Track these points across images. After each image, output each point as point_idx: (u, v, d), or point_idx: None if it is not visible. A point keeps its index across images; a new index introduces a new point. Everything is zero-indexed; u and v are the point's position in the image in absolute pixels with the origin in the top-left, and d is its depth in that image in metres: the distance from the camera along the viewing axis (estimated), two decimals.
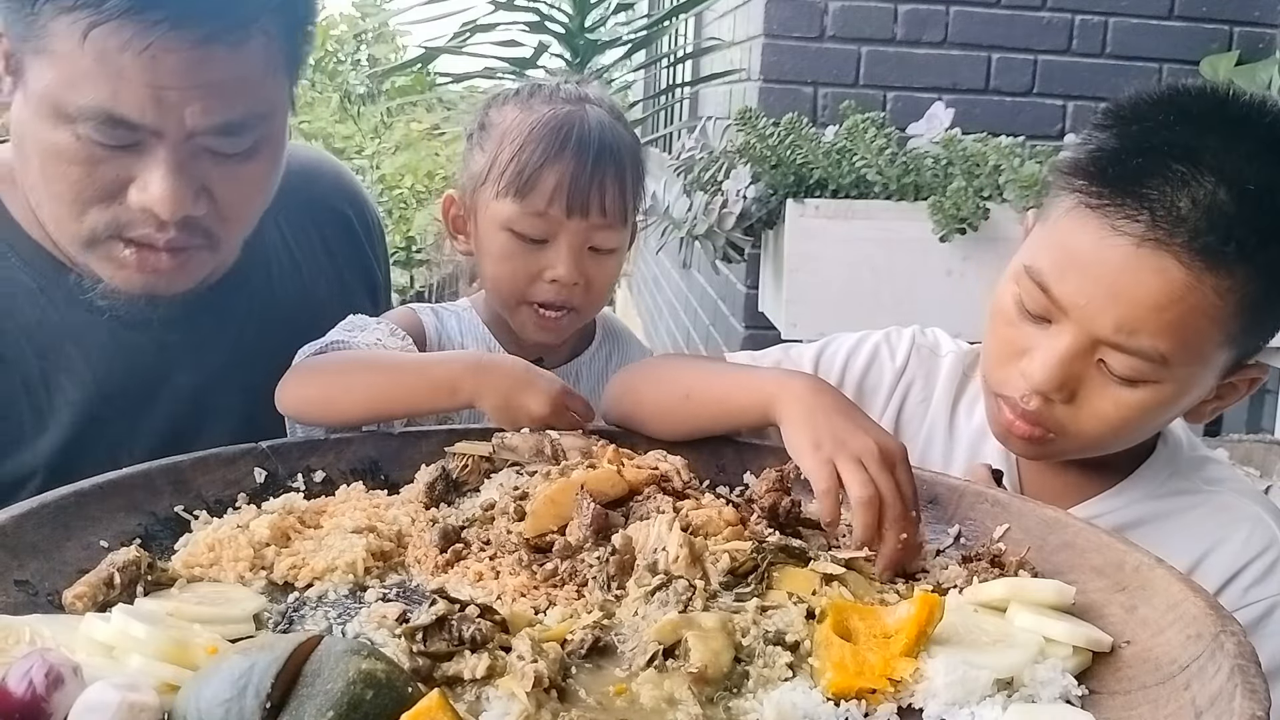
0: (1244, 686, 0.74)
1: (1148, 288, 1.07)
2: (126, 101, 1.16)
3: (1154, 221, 1.06)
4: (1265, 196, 1.06)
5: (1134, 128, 1.13)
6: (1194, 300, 1.07)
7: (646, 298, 6.60)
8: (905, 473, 1.06)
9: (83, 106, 1.16)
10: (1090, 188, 1.11)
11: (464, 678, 0.79)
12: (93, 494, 1.02)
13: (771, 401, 1.17)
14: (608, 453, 1.18)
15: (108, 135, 1.18)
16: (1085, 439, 1.17)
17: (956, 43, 3.37)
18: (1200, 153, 1.07)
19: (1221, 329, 1.09)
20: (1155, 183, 1.07)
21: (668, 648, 0.82)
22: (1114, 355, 1.11)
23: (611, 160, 1.49)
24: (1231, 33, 3.39)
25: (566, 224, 1.48)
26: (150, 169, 1.20)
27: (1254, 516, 1.21)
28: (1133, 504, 1.24)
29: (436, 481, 1.17)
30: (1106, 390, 1.13)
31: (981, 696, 0.81)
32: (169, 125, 1.18)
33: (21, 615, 0.83)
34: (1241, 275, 1.07)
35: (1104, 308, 1.09)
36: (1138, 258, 1.07)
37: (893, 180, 2.65)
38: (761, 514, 1.08)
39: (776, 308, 2.88)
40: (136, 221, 1.23)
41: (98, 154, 1.19)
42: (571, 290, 1.50)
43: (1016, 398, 1.16)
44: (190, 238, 1.27)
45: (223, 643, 0.80)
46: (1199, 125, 1.10)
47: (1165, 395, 1.12)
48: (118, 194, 1.22)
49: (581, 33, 4.02)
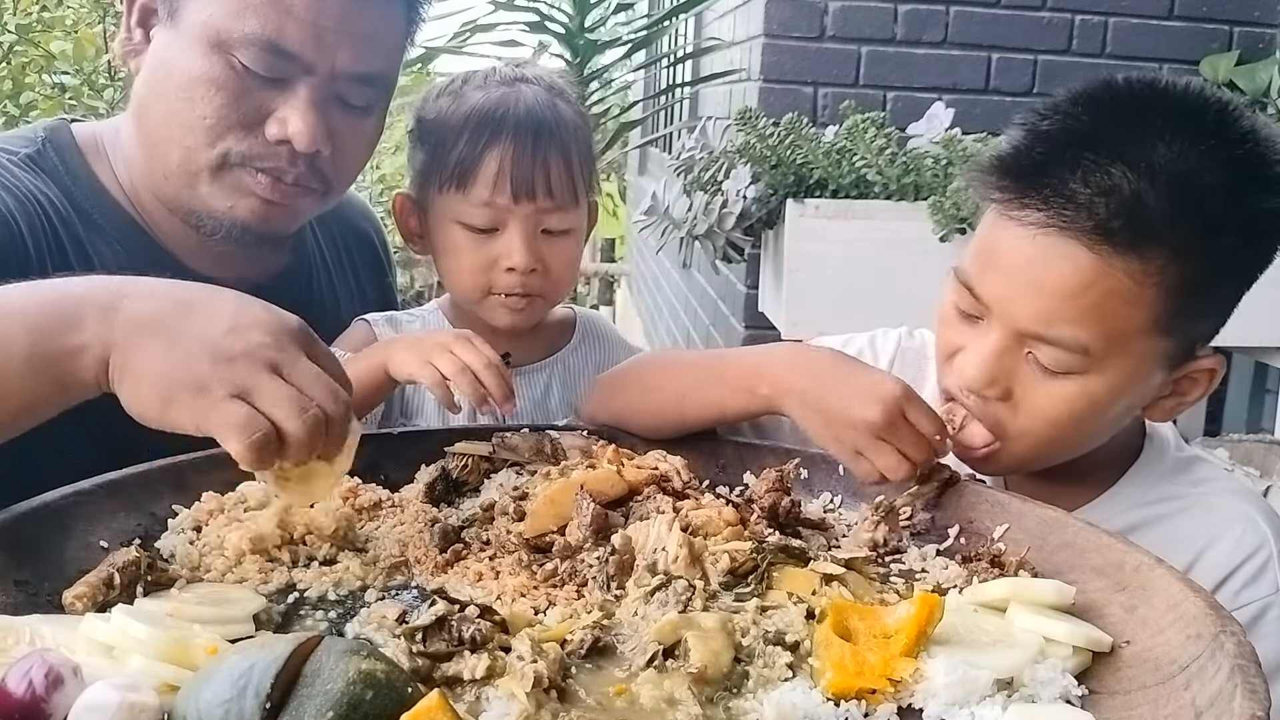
0: (1244, 686, 0.74)
1: (1058, 276, 1.08)
2: (290, 34, 1.27)
3: (1053, 209, 1.07)
4: (1177, 179, 1.05)
5: (1044, 123, 1.14)
6: (1107, 285, 1.06)
7: (646, 298, 6.60)
8: (918, 412, 1.11)
9: (247, 33, 1.26)
10: (997, 184, 1.14)
11: (464, 678, 0.79)
12: (93, 494, 1.02)
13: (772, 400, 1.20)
14: (608, 453, 1.19)
15: (264, 64, 1.28)
16: (1029, 440, 1.16)
17: (956, 43, 3.37)
18: (1101, 140, 1.07)
19: (1144, 314, 1.08)
20: (1054, 170, 1.08)
21: (668, 648, 0.82)
22: (1040, 348, 1.12)
23: (552, 139, 1.46)
24: (1231, 33, 3.39)
25: (514, 210, 1.45)
26: (291, 103, 1.30)
27: (1245, 517, 1.20)
28: (1121, 511, 1.23)
29: (436, 481, 1.17)
30: (1039, 385, 1.13)
31: (981, 696, 0.81)
32: (321, 62, 1.29)
33: (21, 615, 0.83)
34: (1157, 259, 1.06)
35: (1021, 300, 1.11)
36: (1044, 247, 1.08)
37: (893, 180, 2.64)
38: (761, 514, 1.08)
39: (776, 308, 2.88)
40: (268, 154, 1.32)
41: (248, 83, 1.29)
42: (530, 277, 1.48)
43: (956, 393, 1.18)
44: (312, 178, 1.36)
45: (223, 643, 0.80)
46: (1108, 114, 1.11)
47: (1096, 387, 1.12)
48: (255, 126, 1.31)
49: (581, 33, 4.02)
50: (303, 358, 0.91)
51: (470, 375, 1.19)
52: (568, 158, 1.48)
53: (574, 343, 1.63)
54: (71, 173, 1.39)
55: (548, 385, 1.59)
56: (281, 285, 1.50)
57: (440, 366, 1.20)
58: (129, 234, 1.39)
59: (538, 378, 1.58)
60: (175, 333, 0.90)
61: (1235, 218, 1.07)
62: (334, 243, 1.66)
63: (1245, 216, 1.08)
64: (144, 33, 1.36)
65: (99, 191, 1.40)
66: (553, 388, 1.59)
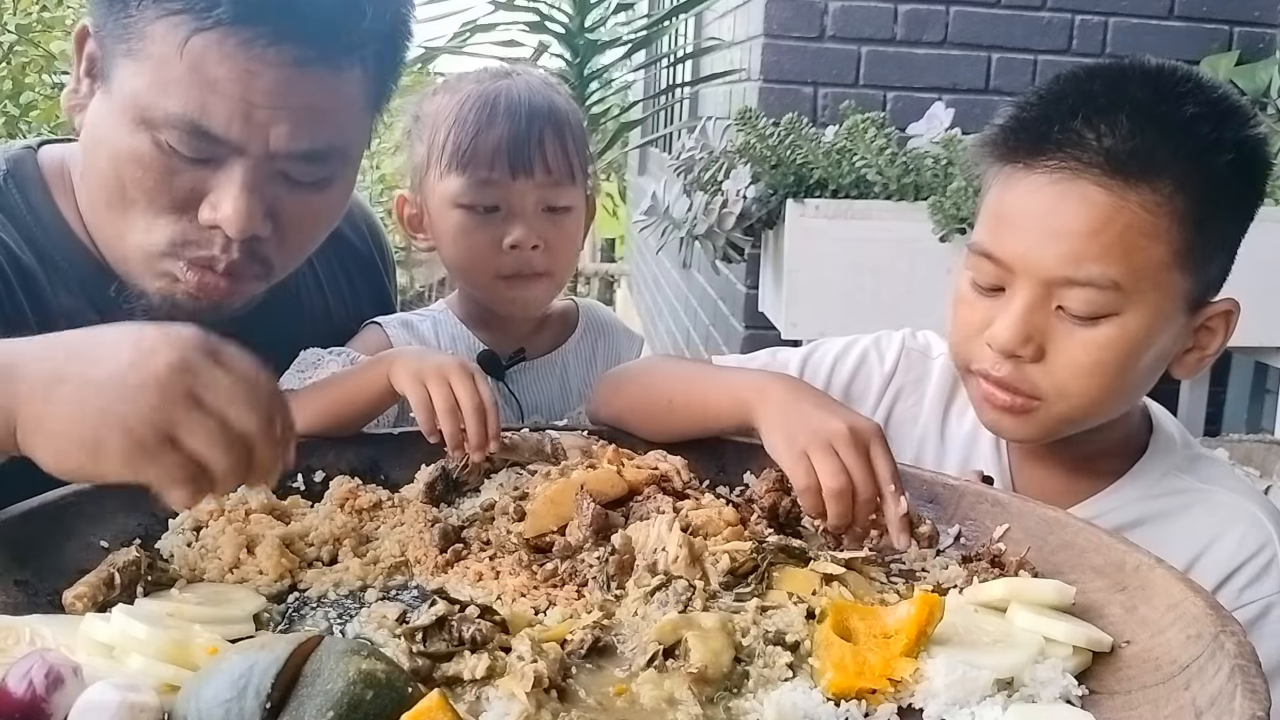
0: (1244, 686, 0.74)
1: (1077, 216, 1.11)
2: (215, 114, 1.14)
3: (1066, 153, 1.12)
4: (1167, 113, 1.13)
5: (1040, 93, 1.20)
6: (1126, 219, 1.11)
7: (646, 298, 6.60)
8: (880, 451, 1.08)
9: (170, 113, 1.14)
10: (1003, 150, 1.18)
11: (464, 678, 0.79)
12: (93, 494, 1.02)
13: (750, 407, 1.18)
14: (608, 453, 1.19)
15: (189, 146, 1.16)
16: (1069, 400, 1.16)
17: (956, 43, 3.37)
18: (1098, 96, 1.14)
19: (1164, 247, 1.12)
20: (1059, 120, 1.14)
21: (668, 648, 0.82)
22: (1070, 295, 1.13)
23: (547, 119, 1.49)
24: (1231, 33, 3.39)
25: (514, 186, 1.47)
26: (224, 186, 1.18)
27: (1249, 515, 1.20)
28: (1127, 504, 1.24)
29: (436, 481, 1.17)
30: (1073, 336, 1.14)
31: (981, 696, 0.81)
32: (253, 144, 1.17)
33: (21, 615, 0.83)
34: (1165, 187, 1.11)
35: (1043, 249, 1.13)
36: (1059, 193, 1.12)
37: (893, 180, 2.65)
38: (761, 514, 1.08)
39: (776, 308, 2.88)
40: (201, 240, 1.21)
41: (175, 164, 1.17)
42: (534, 255, 1.49)
43: (988, 368, 1.18)
44: (249, 264, 1.24)
45: (223, 643, 0.80)
46: (1095, 78, 1.18)
47: (1132, 326, 1.13)
48: (188, 209, 1.20)
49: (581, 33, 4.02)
50: (213, 369, 0.88)
51: (456, 418, 1.17)
52: (563, 137, 1.50)
53: (579, 332, 1.65)
54: (34, 211, 1.29)
55: (563, 374, 1.60)
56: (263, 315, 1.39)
57: (431, 393, 1.19)
58: (91, 277, 1.29)
59: (552, 368, 1.59)
60: (80, 379, 0.86)
61: (1222, 142, 1.13)
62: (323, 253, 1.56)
63: (1230, 142, 1.14)
64: (90, 84, 1.24)
65: (62, 232, 1.30)
66: (567, 377, 1.60)
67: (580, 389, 1.58)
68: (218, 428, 0.86)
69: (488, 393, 1.19)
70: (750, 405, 1.18)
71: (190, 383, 0.86)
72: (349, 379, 1.29)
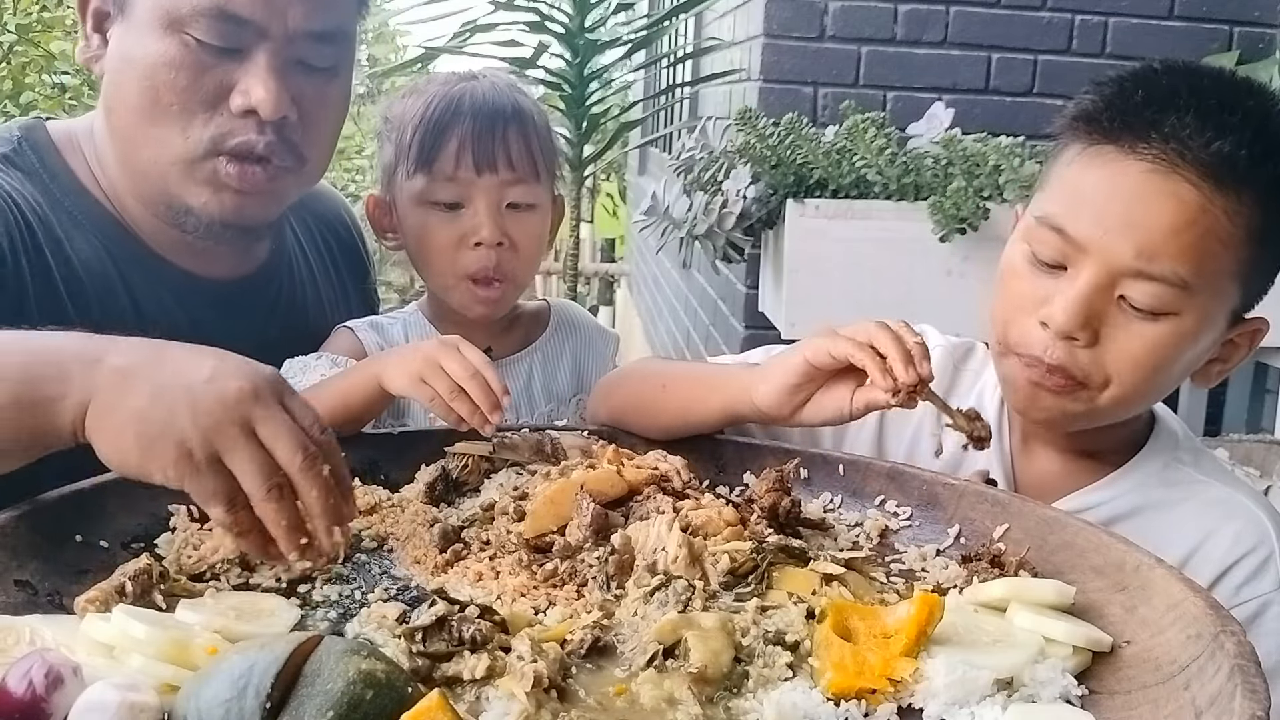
0: (1244, 686, 0.74)
1: (1163, 211, 1.10)
2: None
3: (1164, 147, 1.11)
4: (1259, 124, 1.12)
5: (1135, 77, 1.18)
6: (1207, 223, 1.10)
7: (646, 298, 6.60)
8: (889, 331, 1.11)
9: (196, 6, 1.27)
10: (1097, 129, 1.16)
11: (464, 678, 0.79)
12: (93, 494, 1.02)
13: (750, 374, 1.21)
14: (607, 453, 1.18)
15: (216, 33, 1.28)
16: (1113, 390, 1.16)
17: (956, 43, 3.36)
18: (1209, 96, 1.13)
19: (1234, 256, 1.12)
20: (1160, 111, 1.12)
21: (668, 648, 0.82)
22: (1135, 286, 1.12)
23: (511, 117, 1.53)
24: (1231, 33, 3.39)
25: (478, 182, 1.51)
26: (252, 73, 1.31)
27: (1247, 511, 1.21)
28: (1126, 494, 1.24)
29: (436, 481, 1.17)
30: (1130, 327, 1.13)
31: (981, 696, 0.81)
32: (274, 24, 1.30)
33: (21, 615, 0.83)
34: (1248, 200, 1.11)
35: (1122, 236, 1.11)
36: (1150, 183, 1.11)
37: (893, 180, 2.64)
38: (761, 514, 1.08)
39: (776, 308, 2.88)
40: (236, 128, 1.32)
41: (204, 59, 1.29)
42: (498, 253, 1.52)
43: (1039, 352, 1.16)
44: (283, 152, 1.36)
45: (223, 643, 0.80)
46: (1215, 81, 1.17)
47: (1186, 329, 1.13)
48: (219, 102, 1.32)
49: (581, 33, 4.02)
50: (276, 408, 0.92)
51: (464, 395, 1.19)
52: (527, 135, 1.54)
53: (549, 331, 1.67)
54: (49, 170, 1.39)
55: (529, 375, 1.62)
56: (261, 280, 1.53)
57: (435, 386, 1.20)
58: (109, 231, 1.40)
59: (519, 368, 1.62)
60: (157, 382, 0.92)
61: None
62: (312, 237, 1.67)
63: None
64: (101, 37, 1.37)
65: (77, 190, 1.40)
66: (534, 376, 1.63)
67: (548, 387, 1.62)
68: (260, 458, 0.90)
69: (477, 356, 1.22)
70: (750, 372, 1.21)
71: (250, 411, 0.91)
72: (337, 386, 1.30)
